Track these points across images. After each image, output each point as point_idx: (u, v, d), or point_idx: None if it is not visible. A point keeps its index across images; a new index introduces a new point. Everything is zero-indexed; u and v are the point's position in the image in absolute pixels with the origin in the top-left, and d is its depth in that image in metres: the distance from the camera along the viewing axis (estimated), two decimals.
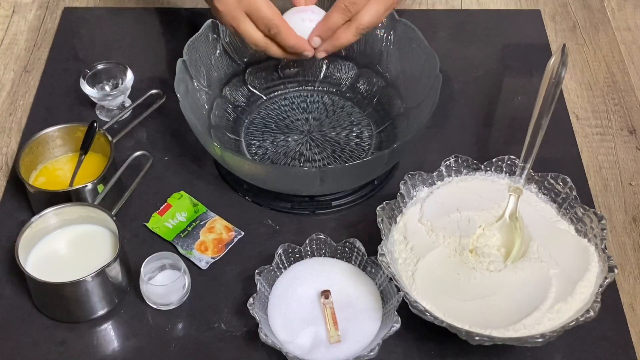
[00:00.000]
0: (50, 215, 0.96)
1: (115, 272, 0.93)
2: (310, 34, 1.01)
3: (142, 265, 0.93)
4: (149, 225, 1.03)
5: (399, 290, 0.89)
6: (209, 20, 1.09)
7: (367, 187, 1.07)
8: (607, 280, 0.89)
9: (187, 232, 1.02)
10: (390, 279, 0.90)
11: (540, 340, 0.84)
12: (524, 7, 1.37)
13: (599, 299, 0.87)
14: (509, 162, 1.01)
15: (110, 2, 1.35)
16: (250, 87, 1.17)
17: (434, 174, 1.01)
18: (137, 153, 1.05)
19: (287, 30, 0.98)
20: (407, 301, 0.87)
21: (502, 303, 0.90)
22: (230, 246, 1.01)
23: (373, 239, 0.95)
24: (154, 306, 0.95)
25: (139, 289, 0.94)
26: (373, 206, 0.96)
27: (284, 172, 1.03)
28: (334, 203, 1.06)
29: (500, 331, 0.87)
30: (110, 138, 1.05)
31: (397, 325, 0.88)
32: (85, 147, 1.06)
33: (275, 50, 1.01)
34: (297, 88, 1.19)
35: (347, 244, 0.97)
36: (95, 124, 1.05)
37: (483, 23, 1.33)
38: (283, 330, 0.91)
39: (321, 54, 1.03)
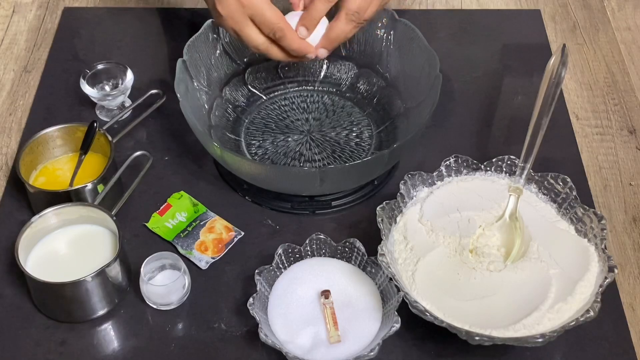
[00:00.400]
0: (50, 215, 0.96)
1: (115, 272, 0.93)
2: (297, 24, 0.99)
3: (142, 265, 0.93)
4: (149, 225, 1.03)
5: (399, 290, 0.89)
6: (209, 20, 1.09)
7: (367, 187, 1.07)
8: (607, 280, 0.89)
9: (187, 232, 1.02)
10: (390, 279, 0.90)
11: (540, 340, 0.84)
12: (524, 7, 1.37)
13: (599, 299, 0.87)
14: (509, 162, 1.01)
15: (110, 2, 1.35)
16: (250, 87, 1.17)
17: (434, 174, 1.01)
18: (137, 153, 1.05)
19: (291, 34, 0.97)
20: (407, 301, 0.87)
21: (502, 303, 0.90)
22: (230, 246, 1.01)
23: (373, 239, 0.95)
24: (154, 306, 0.95)
25: (139, 289, 0.94)
26: (373, 206, 0.96)
27: (284, 172, 1.03)
28: (334, 203, 1.06)
29: (500, 331, 0.87)
30: (110, 138, 1.05)
31: (397, 325, 0.88)
32: (85, 147, 1.06)
33: (276, 53, 1.00)
34: (297, 88, 1.19)
35: (347, 244, 0.97)
36: (95, 124, 1.05)
37: (483, 23, 1.33)
38: (283, 330, 0.91)
39: (322, 53, 1.02)
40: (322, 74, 1.19)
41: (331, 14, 1.02)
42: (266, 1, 0.96)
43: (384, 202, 0.96)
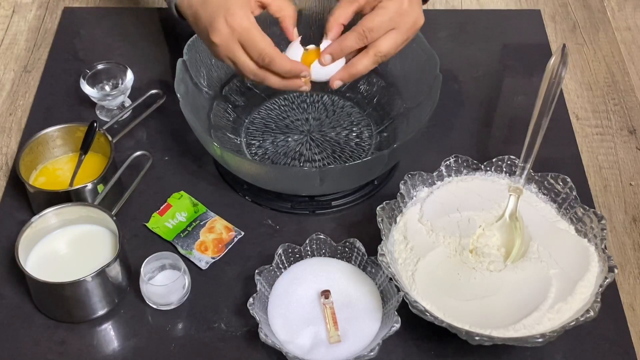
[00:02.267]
0: (50, 215, 0.96)
1: (115, 272, 0.93)
2: (323, 51, 0.96)
3: (142, 265, 0.93)
4: (149, 225, 1.03)
5: (399, 290, 0.89)
6: None
7: (367, 187, 1.07)
8: (607, 280, 0.89)
9: (187, 232, 1.02)
10: (390, 279, 0.90)
11: (540, 340, 0.84)
12: (524, 7, 1.37)
13: (599, 299, 0.87)
14: (509, 162, 1.01)
15: (110, 2, 1.35)
16: (250, 87, 1.17)
17: (434, 174, 1.01)
18: (137, 153, 1.05)
19: (280, 58, 0.94)
20: (407, 301, 0.87)
21: (502, 303, 0.90)
22: (230, 246, 1.01)
23: (373, 239, 0.95)
24: (154, 306, 0.95)
25: (139, 289, 0.95)
26: (373, 206, 0.96)
27: (284, 172, 1.03)
28: (334, 203, 1.06)
29: (500, 331, 0.87)
30: (110, 138, 1.05)
31: (397, 325, 0.88)
32: (85, 147, 1.06)
33: (274, 80, 0.96)
34: None
35: (347, 244, 0.97)
36: (95, 124, 1.05)
37: (483, 23, 1.33)
38: (283, 330, 0.92)
39: (337, 83, 0.98)
40: None
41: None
42: (256, 27, 0.94)
43: (384, 202, 0.96)
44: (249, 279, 0.96)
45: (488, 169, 1.02)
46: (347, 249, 0.97)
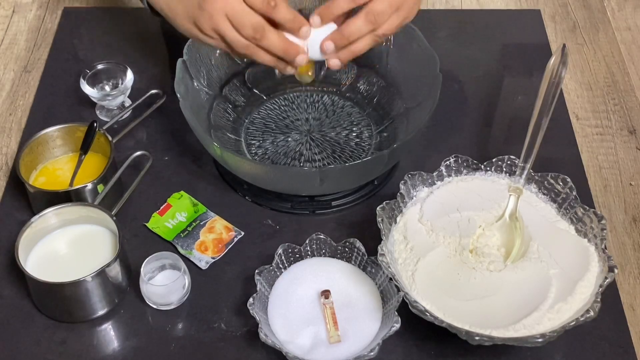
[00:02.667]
0: (50, 215, 0.96)
1: (115, 272, 0.93)
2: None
3: (142, 265, 0.93)
4: (149, 225, 1.03)
5: (399, 290, 0.89)
6: None
7: (367, 187, 1.07)
8: (607, 280, 0.89)
9: (187, 232, 1.02)
10: (390, 279, 0.90)
11: (540, 340, 0.84)
12: (524, 7, 1.37)
13: (599, 299, 0.87)
14: (509, 162, 1.01)
15: (110, 2, 1.35)
16: (250, 87, 1.17)
17: (434, 174, 1.01)
18: (137, 153, 1.05)
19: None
20: (407, 301, 0.87)
21: (502, 303, 0.90)
22: (230, 246, 1.01)
23: (373, 239, 0.95)
24: (154, 306, 0.95)
25: (139, 289, 0.94)
26: (373, 206, 0.96)
27: (284, 172, 1.03)
28: (334, 203, 1.06)
29: (500, 331, 0.87)
30: (110, 138, 1.05)
31: (397, 325, 0.88)
32: (85, 147, 1.06)
33: (272, 39, 0.91)
34: (297, 88, 1.19)
35: (347, 244, 0.97)
36: (95, 124, 1.05)
37: (483, 23, 1.33)
38: (283, 330, 0.92)
39: (327, 45, 0.93)
40: (322, 73, 1.19)
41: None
42: None
43: (384, 202, 0.96)
44: (249, 279, 0.96)
45: (488, 169, 1.02)
46: (347, 249, 0.97)
